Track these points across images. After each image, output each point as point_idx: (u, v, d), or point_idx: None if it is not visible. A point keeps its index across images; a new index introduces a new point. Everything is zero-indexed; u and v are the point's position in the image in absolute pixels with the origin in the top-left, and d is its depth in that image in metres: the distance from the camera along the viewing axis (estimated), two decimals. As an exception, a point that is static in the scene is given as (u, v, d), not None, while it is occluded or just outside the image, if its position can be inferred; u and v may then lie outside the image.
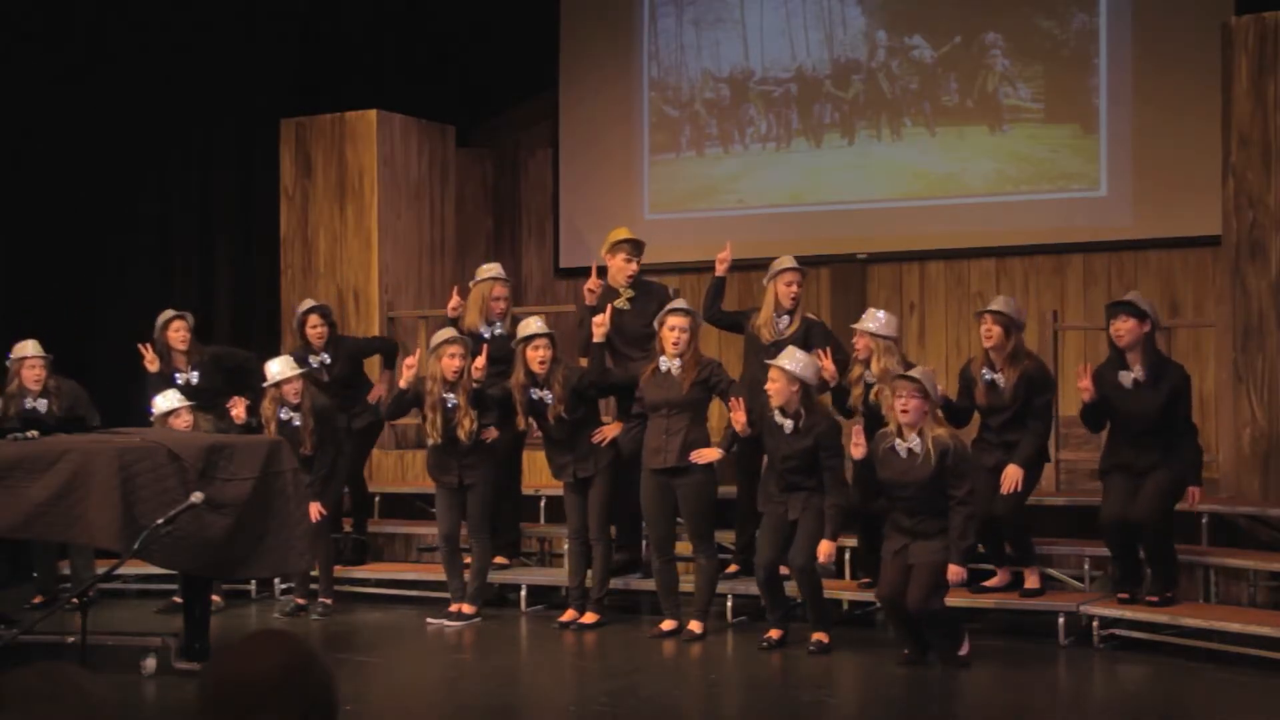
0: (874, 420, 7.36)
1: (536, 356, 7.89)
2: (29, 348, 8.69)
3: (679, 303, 7.87)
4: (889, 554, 6.94)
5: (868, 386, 7.58)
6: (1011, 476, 7.42)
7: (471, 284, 8.82)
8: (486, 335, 8.56)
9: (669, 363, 7.65)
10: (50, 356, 8.72)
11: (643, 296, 8.42)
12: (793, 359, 7.16)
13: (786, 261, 8.05)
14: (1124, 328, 7.27)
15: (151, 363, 8.86)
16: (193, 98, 10.99)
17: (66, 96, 10.50)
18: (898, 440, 6.83)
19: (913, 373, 6.90)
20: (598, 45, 11.61)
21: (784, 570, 7.36)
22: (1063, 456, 8.73)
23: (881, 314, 7.64)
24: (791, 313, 7.99)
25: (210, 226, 11.33)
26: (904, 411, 6.77)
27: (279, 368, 8.33)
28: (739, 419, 7.30)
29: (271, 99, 11.17)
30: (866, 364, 7.59)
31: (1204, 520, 7.92)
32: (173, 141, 11.13)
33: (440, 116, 11.32)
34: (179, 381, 8.82)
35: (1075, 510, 8.29)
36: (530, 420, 8.09)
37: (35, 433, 6.85)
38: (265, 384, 8.32)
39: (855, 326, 7.68)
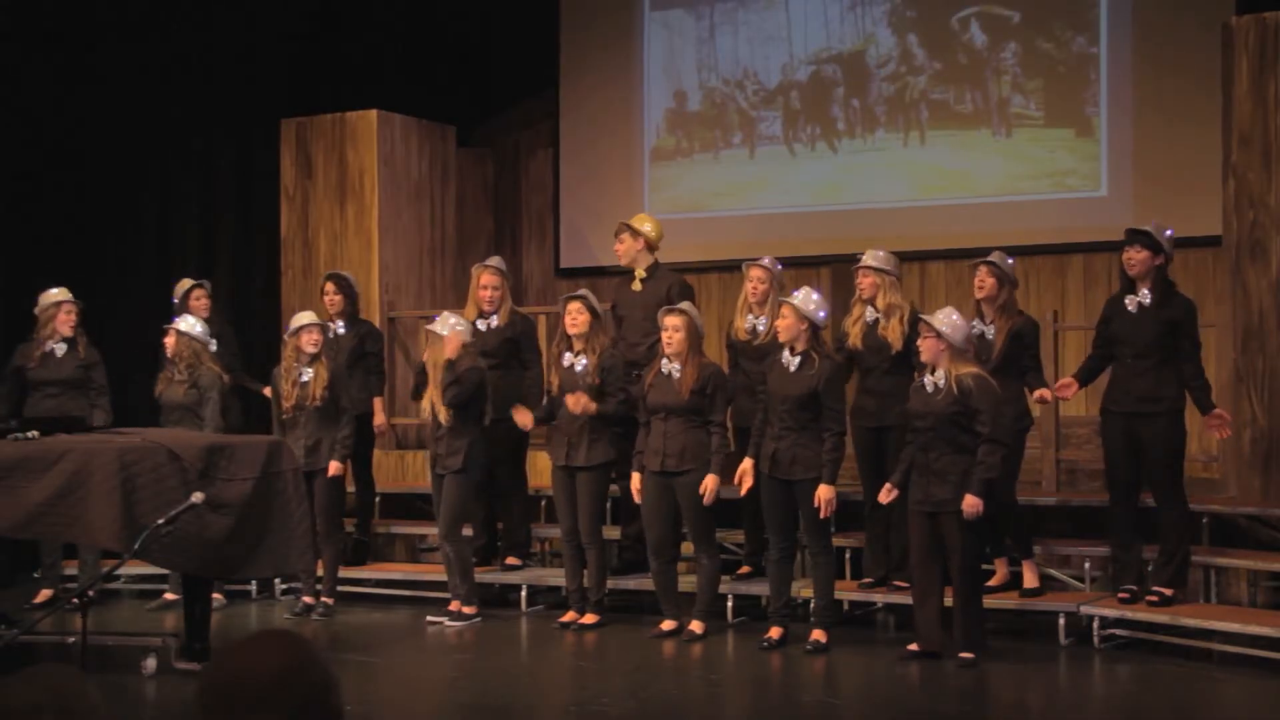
0: (871, 356, 7.66)
1: (569, 320, 7.92)
2: (64, 293, 8.95)
3: (685, 304, 7.86)
4: (913, 511, 7.02)
5: (867, 325, 7.74)
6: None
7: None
8: (481, 328, 8.59)
9: (670, 365, 7.65)
10: (81, 304, 8.99)
11: (652, 281, 8.50)
12: (805, 298, 7.32)
13: (760, 259, 8.19)
14: (1137, 257, 7.34)
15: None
16: (193, 98, 10.98)
17: (66, 97, 10.50)
18: (927, 376, 6.99)
19: (931, 317, 7.02)
20: (598, 45, 11.61)
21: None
22: (1063, 456, 8.74)
23: (880, 251, 7.85)
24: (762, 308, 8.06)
25: (210, 227, 11.33)
26: (920, 351, 7.00)
27: (303, 317, 8.48)
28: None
29: (271, 99, 11.17)
30: (869, 302, 7.73)
31: (1204, 520, 7.93)
32: (173, 141, 11.12)
33: (440, 116, 11.31)
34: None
35: (1075, 510, 8.30)
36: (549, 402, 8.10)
37: (35, 433, 6.84)
38: (288, 334, 8.50)
39: (858, 266, 7.83)
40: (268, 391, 8.80)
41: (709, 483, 7.50)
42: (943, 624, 7.00)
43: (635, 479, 7.77)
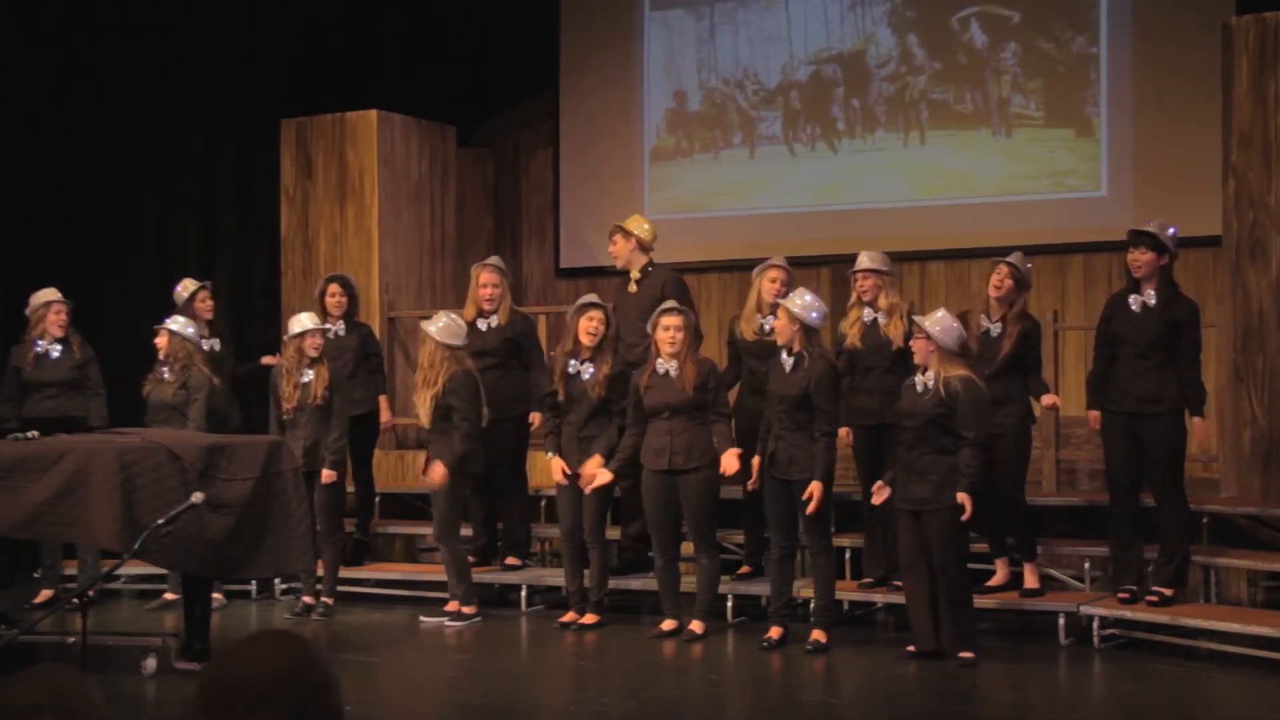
0: (871, 356, 7.68)
1: (588, 327, 7.88)
2: (53, 293, 8.95)
3: (671, 302, 7.86)
4: (899, 511, 7.05)
5: (866, 325, 7.76)
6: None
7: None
8: (481, 327, 8.59)
9: (667, 364, 7.65)
10: (71, 303, 9.00)
11: (647, 281, 8.51)
12: (797, 300, 7.30)
13: (774, 259, 8.14)
14: (1142, 259, 7.33)
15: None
16: (193, 98, 10.99)
17: (66, 97, 10.50)
18: (918, 375, 7.02)
19: (923, 318, 7.04)
20: (598, 45, 11.61)
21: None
22: (1063, 456, 8.74)
23: (876, 252, 7.91)
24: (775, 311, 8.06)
25: (210, 227, 11.33)
26: (913, 351, 7.05)
27: (305, 321, 8.41)
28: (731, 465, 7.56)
29: (271, 99, 11.17)
30: (869, 304, 7.75)
31: (1204, 520, 7.93)
32: (173, 142, 11.13)
33: (440, 116, 11.31)
34: (205, 348, 8.88)
35: (1075, 510, 8.30)
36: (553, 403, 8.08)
37: (35, 433, 6.84)
38: (289, 336, 8.45)
39: (854, 270, 7.85)
40: (266, 360, 8.86)
41: (727, 459, 7.51)
42: (936, 624, 7.00)
43: (595, 469, 7.78)
